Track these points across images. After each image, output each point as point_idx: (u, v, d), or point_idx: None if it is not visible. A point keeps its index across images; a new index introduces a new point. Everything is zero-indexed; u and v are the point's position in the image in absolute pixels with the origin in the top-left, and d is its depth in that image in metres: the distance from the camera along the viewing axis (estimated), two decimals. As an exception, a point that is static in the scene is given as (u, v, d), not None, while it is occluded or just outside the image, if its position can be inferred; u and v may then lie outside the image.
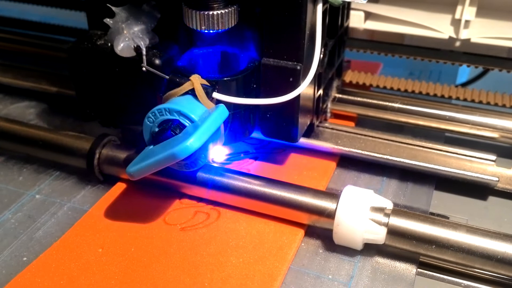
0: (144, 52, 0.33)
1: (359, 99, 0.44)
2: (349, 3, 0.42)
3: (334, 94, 0.44)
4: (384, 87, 0.46)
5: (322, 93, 0.40)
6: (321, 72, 0.38)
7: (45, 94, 0.48)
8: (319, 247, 0.34)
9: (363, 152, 0.39)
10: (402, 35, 0.45)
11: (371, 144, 0.40)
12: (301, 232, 0.34)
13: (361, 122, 0.44)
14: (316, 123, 0.41)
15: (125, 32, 0.34)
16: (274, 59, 0.34)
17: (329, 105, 0.43)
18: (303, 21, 0.33)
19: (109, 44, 0.35)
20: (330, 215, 0.32)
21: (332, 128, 0.42)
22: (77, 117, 0.45)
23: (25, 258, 0.33)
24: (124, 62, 0.35)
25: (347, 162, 0.41)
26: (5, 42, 0.55)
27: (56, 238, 0.33)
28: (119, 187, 0.38)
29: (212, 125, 0.31)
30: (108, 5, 0.34)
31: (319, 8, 0.34)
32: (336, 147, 0.40)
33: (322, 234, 0.34)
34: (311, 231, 0.34)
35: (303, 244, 0.34)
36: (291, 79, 0.34)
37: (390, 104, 0.43)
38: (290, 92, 0.34)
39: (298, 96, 0.34)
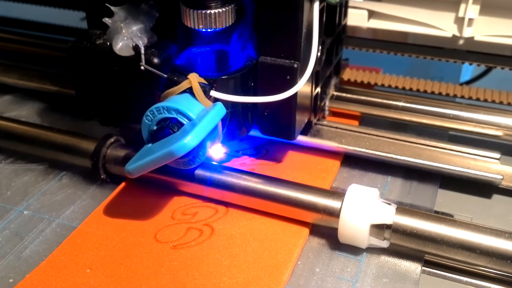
0: (142, 51, 0.34)
1: (362, 97, 0.44)
2: (346, 1, 0.42)
3: (332, 92, 0.44)
4: (388, 86, 0.46)
5: (319, 91, 0.40)
6: (318, 70, 0.38)
7: (44, 93, 0.49)
8: (324, 246, 0.34)
9: (367, 150, 0.39)
10: (405, 34, 0.45)
11: (375, 142, 0.40)
12: (305, 231, 0.34)
13: (365, 120, 0.44)
14: (314, 120, 0.41)
15: (123, 31, 0.34)
16: (271, 57, 0.35)
17: (327, 103, 0.43)
18: (300, 19, 0.33)
19: (108, 43, 0.35)
20: (335, 213, 0.32)
21: (336, 127, 0.42)
22: (76, 116, 0.45)
23: (11, 280, 0.31)
24: (123, 61, 0.35)
25: (351, 161, 0.41)
26: (6, 42, 0.56)
27: (43, 258, 0.32)
28: (109, 202, 0.36)
29: (210, 123, 0.31)
30: (107, 4, 0.34)
31: (316, 6, 0.34)
32: (340, 146, 0.40)
33: (327, 233, 0.34)
34: (315, 230, 0.35)
35: (307, 243, 0.34)
36: (288, 77, 0.34)
37: (394, 102, 0.44)
38: (287, 90, 0.34)
39: (295, 94, 0.35)
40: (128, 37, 0.34)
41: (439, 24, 0.43)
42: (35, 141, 0.40)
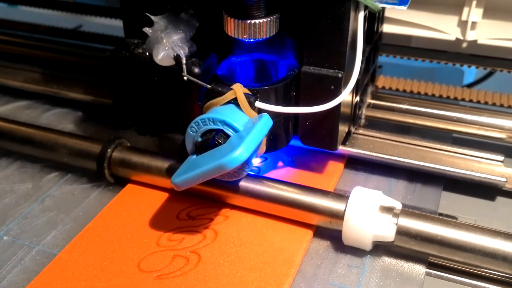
0: (184, 61, 0.33)
1: (366, 100, 0.45)
2: (384, 8, 0.42)
3: (369, 100, 0.44)
4: (392, 88, 0.46)
5: (358, 99, 0.40)
6: (358, 79, 0.38)
7: (81, 103, 0.48)
8: (328, 248, 0.34)
9: (371, 153, 0.39)
10: (409, 37, 0.45)
11: (379, 145, 0.41)
12: (309, 235, 0.34)
13: (369, 123, 0.44)
14: (353, 130, 0.41)
15: (164, 41, 0.34)
16: (315, 67, 0.34)
17: (364, 111, 0.43)
18: (346, 28, 0.32)
19: (147, 53, 0.35)
20: (339, 216, 0.33)
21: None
22: (113, 125, 0.45)
23: (-13, 313, 0.30)
24: (163, 71, 0.35)
25: (355, 163, 0.41)
26: (42, 51, 0.56)
27: None
28: (92, 227, 0.35)
29: (258, 135, 0.31)
30: (147, 14, 0.34)
31: (361, 15, 0.34)
32: (344, 148, 0.40)
33: (331, 235, 0.34)
34: (319, 232, 0.35)
35: (307, 255, 0.33)
36: (332, 87, 0.34)
37: (397, 105, 0.44)
38: (330, 100, 0.34)
39: (339, 104, 0.34)
40: (169, 47, 0.33)
41: (443, 28, 0.43)
42: (39, 143, 0.40)
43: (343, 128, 0.37)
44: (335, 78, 0.34)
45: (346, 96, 0.34)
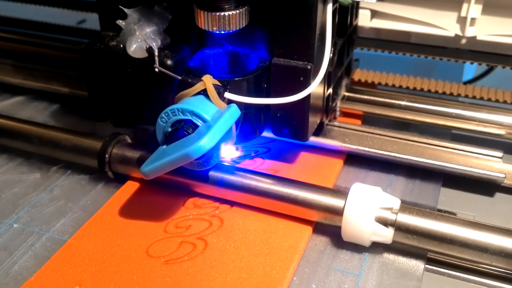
0: (156, 53, 0.34)
1: (366, 97, 0.45)
2: (358, 2, 0.42)
3: (343, 92, 0.44)
4: (391, 85, 0.46)
5: (331, 91, 0.40)
6: (330, 71, 0.38)
7: (57, 95, 0.49)
8: (328, 244, 0.34)
9: (370, 149, 0.40)
10: (408, 33, 0.45)
11: (378, 141, 0.41)
12: (308, 231, 0.34)
13: (368, 120, 0.44)
14: (326, 121, 0.41)
15: (137, 33, 0.34)
16: (285, 58, 0.35)
17: (338, 103, 0.44)
18: (314, 21, 0.33)
19: (122, 45, 0.35)
20: (339, 212, 0.33)
21: (339, 126, 0.42)
22: (90, 117, 0.45)
23: (-1, 297, 0.31)
24: (136, 63, 0.35)
25: (354, 159, 0.41)
26: (17, 43, 0.56)
27: (32, 274, 0.31)
28: (100, 215, 0.35)
29: (225, 124, 0.32)
30: (120, 6, 0.35)
31: (329, 7, 0.34)
32: (343, 145, 0.40)
33: (331, 231, 0.34)
34: (319, 228, 0.35)
35: (311, 242, 0.34)
36: (301, 79, 0.34)
37: (397, 102, 0.44)
38: (300, 91, 0.34)
39: (309, 95, 0.35)
40: (141, 39, 0.34)
41: (442, 24, 0.43)
42: (40, 140, 0.40)
43: (314, 120, 0.38)
44: (304, 69, 0.34)
45: (315, 87, 0.35)
